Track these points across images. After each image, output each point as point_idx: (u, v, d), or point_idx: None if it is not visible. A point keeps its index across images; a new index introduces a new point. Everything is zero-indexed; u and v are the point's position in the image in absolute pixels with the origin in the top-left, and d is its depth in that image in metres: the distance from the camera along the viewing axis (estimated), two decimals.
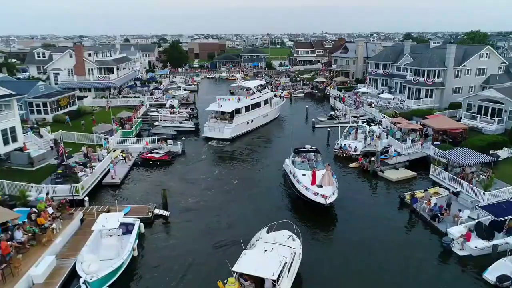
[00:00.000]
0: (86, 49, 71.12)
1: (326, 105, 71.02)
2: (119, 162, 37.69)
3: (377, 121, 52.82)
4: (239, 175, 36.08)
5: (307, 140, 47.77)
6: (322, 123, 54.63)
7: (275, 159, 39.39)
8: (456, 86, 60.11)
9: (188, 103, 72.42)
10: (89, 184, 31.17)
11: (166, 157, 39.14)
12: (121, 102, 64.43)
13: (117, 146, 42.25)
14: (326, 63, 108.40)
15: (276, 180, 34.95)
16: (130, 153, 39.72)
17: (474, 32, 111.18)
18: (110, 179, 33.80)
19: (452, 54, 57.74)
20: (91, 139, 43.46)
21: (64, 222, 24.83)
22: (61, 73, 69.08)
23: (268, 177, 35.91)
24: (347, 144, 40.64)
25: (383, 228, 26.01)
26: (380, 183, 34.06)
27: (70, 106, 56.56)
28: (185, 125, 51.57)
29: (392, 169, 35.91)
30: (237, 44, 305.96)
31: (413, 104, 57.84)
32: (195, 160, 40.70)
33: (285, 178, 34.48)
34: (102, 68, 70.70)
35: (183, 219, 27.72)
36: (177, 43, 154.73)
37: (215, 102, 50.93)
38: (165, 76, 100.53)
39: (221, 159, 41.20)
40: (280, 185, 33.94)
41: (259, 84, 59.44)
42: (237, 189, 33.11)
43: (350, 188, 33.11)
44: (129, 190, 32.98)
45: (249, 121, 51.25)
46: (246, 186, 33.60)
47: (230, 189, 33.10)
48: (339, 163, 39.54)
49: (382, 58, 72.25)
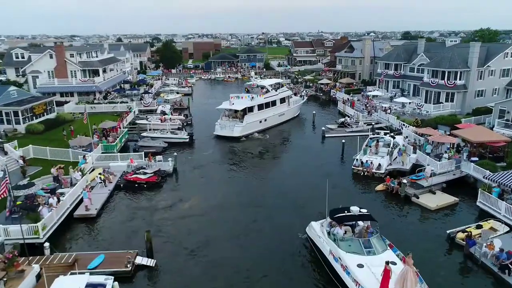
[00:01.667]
0: (68, 49, 64.39)
1: (333, 110, 64.84)
2: (97, 186, 31.18)
3: (395, 129, 46.72)
4: (244, 214, 29.62)
5: (318, 153, 41.75)
6: (333, 132, 48.41)
7: (290, 196, 30.45)
8: (479, 89, 54.21)
9: (182, 108, 66.02)
10: (55, 221, 24.68)
11: (154, 179, 32.68)
12: (106, 108, 57.85)
13: (97, 164, 35.75)
14: (328, 63, 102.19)
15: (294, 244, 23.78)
16: (111, 173, 33.20)
17: (483, 30, 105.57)
18: (83, 210, 27.31)
19: (476, 54, 51.73)
20: (67, 155, 36.99)
21: (9, 283, 18.36)
22: (40, 75, 62.37)
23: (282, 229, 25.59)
24: (369, 161, 34.39)
25: (433, 279, 19.65)
26: (416, 212, 27.85)
27: (47, 114, 49.91)
28: (178, 135, 45.10)
29: (428, 193, 29.72)
30: (233, 43, 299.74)
31: (433, 110, 51.77)
32: (188, 182, 34.13)
33: (310, 246, 23.15)
34: (87, 70, 64.00)
35: (174, 271, 21.33)
36: (171, 42, 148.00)
37: (228, 100, 49.92)
38: (157, 78, 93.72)
39: (222, 180, 34.65)
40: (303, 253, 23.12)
41: (276, 82, 57.93)
42: (246, 234, 25.87)
43: (380, 218, 26.79)
44: (107, 225, 26.51)
45: (262, 119, 50.04)
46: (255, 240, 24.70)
47: (237, 234, 25.11)
48: (359, 183, 33.35)
49: (393, 58, 66.13)
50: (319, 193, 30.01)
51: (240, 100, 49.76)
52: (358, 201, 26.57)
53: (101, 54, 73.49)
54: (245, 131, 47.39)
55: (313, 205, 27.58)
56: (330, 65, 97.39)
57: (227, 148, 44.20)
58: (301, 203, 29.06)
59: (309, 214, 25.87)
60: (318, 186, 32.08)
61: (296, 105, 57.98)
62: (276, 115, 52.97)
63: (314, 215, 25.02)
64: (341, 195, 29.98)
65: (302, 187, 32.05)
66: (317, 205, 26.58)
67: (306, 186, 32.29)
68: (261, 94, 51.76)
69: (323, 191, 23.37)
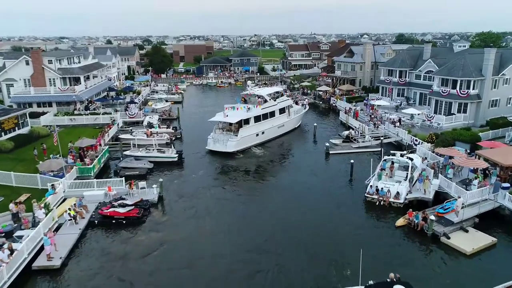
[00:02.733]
0: (46, 55, 59.01)
1: (334, 119, 60.36)
2: (66, 224, 26.12)
3: (406, 145, 42.31)
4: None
5: (322, 173, 37.16)
6: (338, 148, 43.81)
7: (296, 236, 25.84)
8: (493, 99, 50.07)
9: (171, 119, 61.08)
10: (5, 279, 19.64)
11: (135, 213, 27.64)
12: (87, 120, 52.64)
13: (69, 192, 30.68)
14: (326, 68, 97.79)
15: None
16: (83, 207, 28.11)
17: (485, 33, 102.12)
18: (45, 260, 22.24)
19: (491, 61, 47.60)
20: (35, 182, 31.85)
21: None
22: (15, 84, 56.88)
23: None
24: (385, 188, 29.75)
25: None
26: (448, 258, 23.15)
27: (18, 129, 44.57)
28: (165, 154, 40.09)
29: (459, 231, 25.15)
30: (225, 45, 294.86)
31: (445, 122, 47.46)
32: (175, 216, 28.74)
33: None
34: (67, 78, 58.71)
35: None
36: (161, 44, 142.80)
37: (222, 112, 45.93)
38: (145, 84, 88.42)
39: (213, 213, 29.71)
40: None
41: (275, 92, 53.28)
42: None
43: (403, 263, 22.28)
44: (74, 278, 21.44)
45: (259, 132, 46.22)
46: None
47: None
48: (375, 215, 28.64)
49: (397, 64, 61.80)
50: (333, 234, 25.64)
51: (235, 112, 45.83)
52: (373, 236, 22.03)
53: (84, 60, 68.16)
54: (240, 146, 43.67)
55: (329, 253, 23.30)
56: (328, 70, 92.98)
57: (220, 167, 39.45)
58: (315, 250, 23.76)
59: (326, 268, 21.31)
60: (330, 222, 27.70)
61: (296, 115, 53.68)
62: (275, 127, 48.93)
63: (332, 272, 20.37)
64: (355, 235, 25.40)
65: (311, 224, 26.98)
66: (334, 254, 22.65)
67: (317, 223, 27.28)
68: (258, 105, 47.55)
69: (338, 233, 18.77)
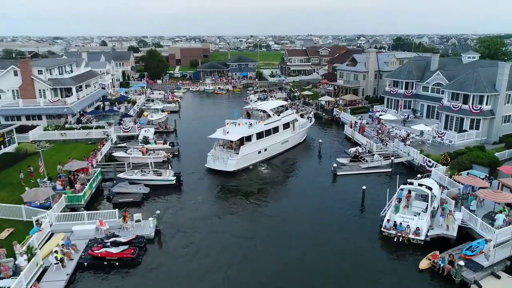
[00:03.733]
0: (36, 64, 55.94)
1: (338, 132, 57.88)
2: (52, 268, 23.30)
3: (418, 165, 39.87)
4: None
5: (331, 199, 34.54)
6: (346, 169, 41.23)
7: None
8: (506, 114, 47.79)
9: (167, 131, 58.32)
10: None
11: (130, 253, 24.86)
12: (79, 135, 49.73)
13: (56, 226, 27.89)
14: (326, 75, 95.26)
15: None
16: (72, 246, 25.30)
17: (488, 40, 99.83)
18: None
19: (506, 75, 45.28)
20: (19, 214, 29.01)
21: None
22: (3, 95, 53.76)
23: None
24: (404, 223, 27.21)
25: None
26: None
27: (4, 147, 41.69)
28: (162, 177, 37.28)
29: (490, 277, 22.69)
30: (221, 47, 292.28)
31: (457, 139, 45.12)
32: (172, 255, 25.82)
33: None
34: (58, 89, 55.63)
35: None
36: (157, 46, 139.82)
37: (222, 128, 43.80)
38: (140, 92, 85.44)
39: (214, 251, 26.95)
40: None
41: (279, 105, 50.87)
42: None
43: None
44: None
45: (262, 149, 44.23)
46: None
47: None
48: (394, 254, 26.02)
49: (404, 75, 59.36)
50: (348, 280, 22.96)
51: (236, 128, 43.67)
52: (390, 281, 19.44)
53: (77, 68, 65.13)
54: (241, 164, 41.69)
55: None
56: (329, 77, 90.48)
57: (220, 189, 36.96)
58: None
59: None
60: (343, 262, 24.96)
61: (302, 129, 51.32)
62: (279, 143, 46.80)
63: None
64: (373, 281, 22.82)
65: (323, 267, 24.38)
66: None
67: (329, 264, 24.76)
68: (261, 120, 45.32)
69: (353, 279, 16.12)
